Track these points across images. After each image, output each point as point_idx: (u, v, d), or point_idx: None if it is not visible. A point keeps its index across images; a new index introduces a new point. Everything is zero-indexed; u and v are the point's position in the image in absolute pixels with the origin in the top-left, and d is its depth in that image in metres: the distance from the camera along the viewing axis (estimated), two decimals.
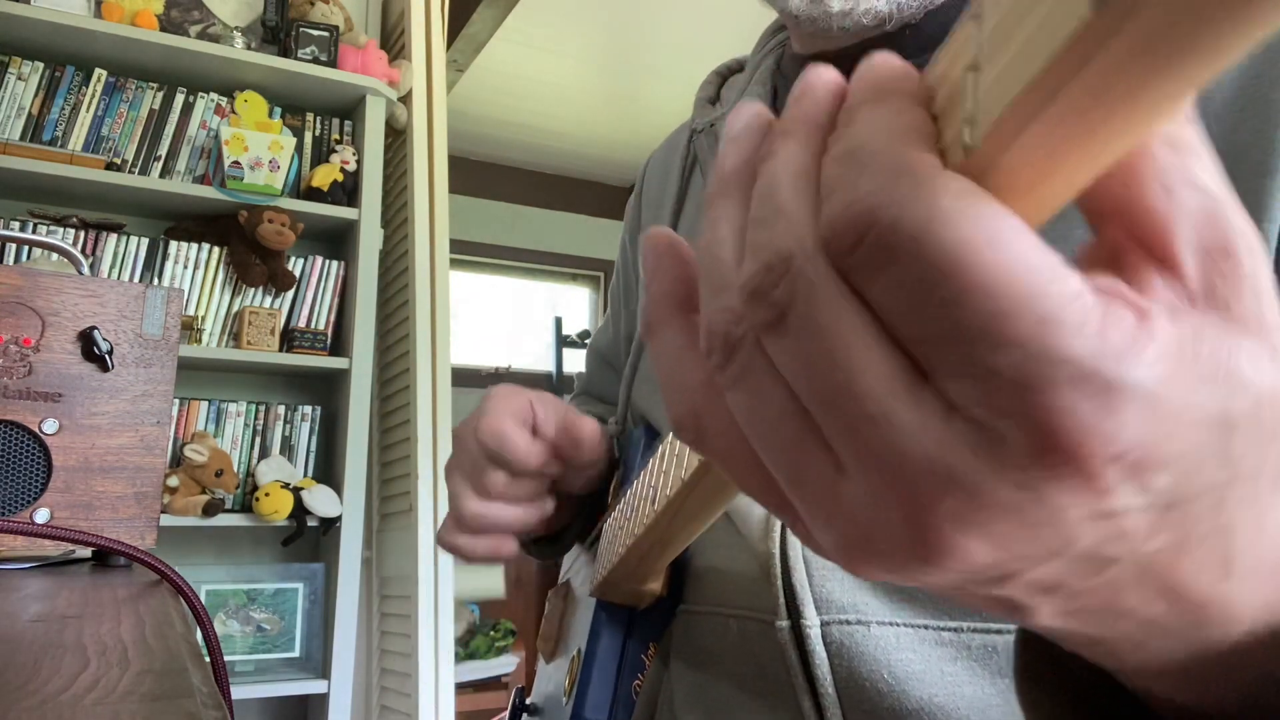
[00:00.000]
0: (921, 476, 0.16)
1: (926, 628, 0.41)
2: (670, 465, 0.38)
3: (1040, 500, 0.15)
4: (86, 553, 0.76)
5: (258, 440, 2.13)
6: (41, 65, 2.01)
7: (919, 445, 0.16)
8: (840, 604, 0.43)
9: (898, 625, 0.41)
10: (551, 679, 0.60)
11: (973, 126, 0.15)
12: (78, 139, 2.03)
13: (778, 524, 0.46)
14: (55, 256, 1.74)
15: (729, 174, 0.21)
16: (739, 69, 0.68)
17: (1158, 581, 0.18)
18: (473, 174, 4.30)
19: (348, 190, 2.20)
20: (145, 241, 2.05)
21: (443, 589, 2.08)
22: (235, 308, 2.12)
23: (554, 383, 4.35)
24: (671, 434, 0.39)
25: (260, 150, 2.07)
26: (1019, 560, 0.17)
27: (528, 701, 0.65)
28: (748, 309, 0.18)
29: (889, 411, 0.16)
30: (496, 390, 0.55)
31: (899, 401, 0.16)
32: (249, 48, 2.18)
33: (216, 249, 2.11)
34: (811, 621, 0.43)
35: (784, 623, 0.44)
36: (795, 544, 0.45)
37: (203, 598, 2.01)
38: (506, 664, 3.58)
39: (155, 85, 2.13)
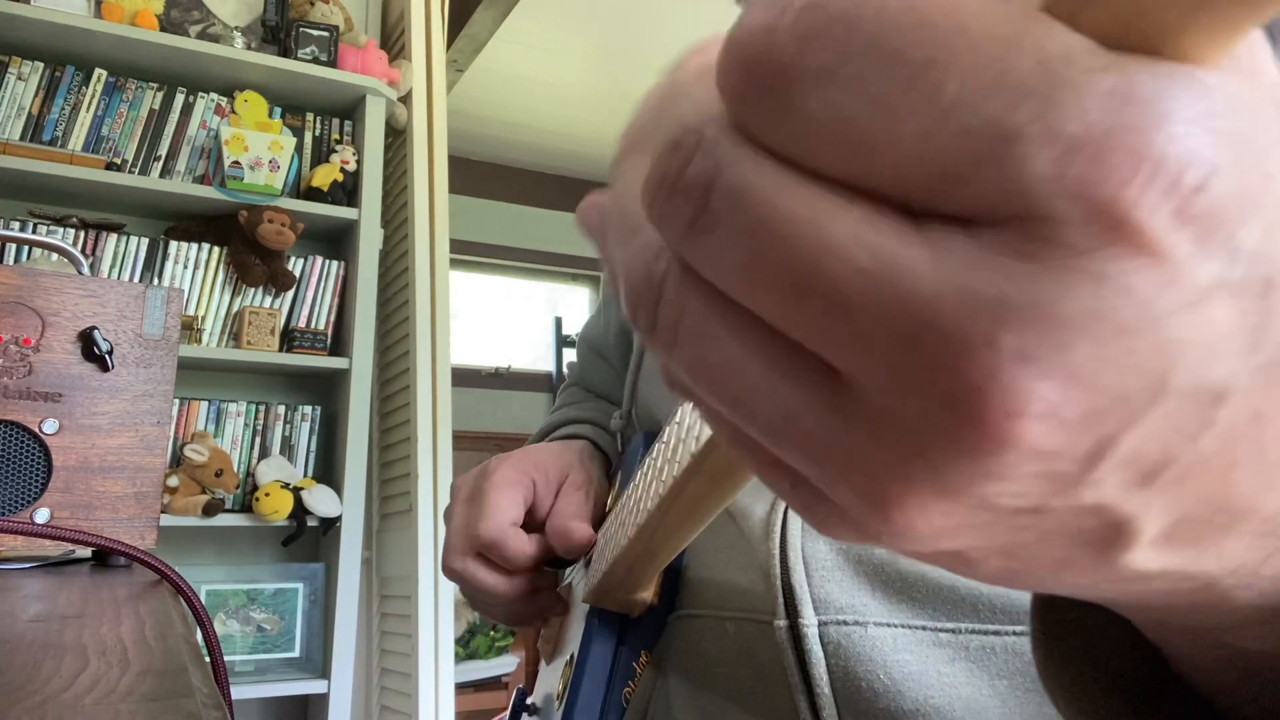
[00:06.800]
0: (959, 319, 0.12)
1: (924, 629, 0.41)
2: (653, 480, 0.37)
3: (1117, 289, 0.12)
4: (86, 553, 0.76)
5: (258, 440, 2.13)
6: (41, 65, 2.02)
7: (944, 278, 0.12)
8: (838, 604, 0.43)
9: (895, 626, 0.41)
10: (549, 680, 0.60)
11: None
12: (78, 139, 2.03)
13: (778, 524, 0.46)
14: (55, 256, 1.74)
15: (633, 132, 0.17)
16: None
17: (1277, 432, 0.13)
18: (473, 174, 4.30)
19: (348, 190, 2.20)
20: (145, 241, 2.05)
21: (443, 589, 2.08)
22: (235, 308, 2.12)
23: (554, 383, 4.35)
24: (658, 448, 0.39)
25: (260, 150, 2.07)
26: (1115, 408, 0.12)
27: (528, 701, 0.65)
28: (661, 215, 0.14)
29: (885, 254, 0.12)
30: (496, 477, 0.58)
31: (895, 239, 0.12)
32: (249, 48, 2.18)
33: (216, 249, 2.11)
34: (809, 621, 0.43)
35: (782, 622, 0.44)
36: (795, 544, 0.45)
37: (203, 598, 2.01)
38: (506, 664, 3.58)
39: (155, 85, 2.13)
